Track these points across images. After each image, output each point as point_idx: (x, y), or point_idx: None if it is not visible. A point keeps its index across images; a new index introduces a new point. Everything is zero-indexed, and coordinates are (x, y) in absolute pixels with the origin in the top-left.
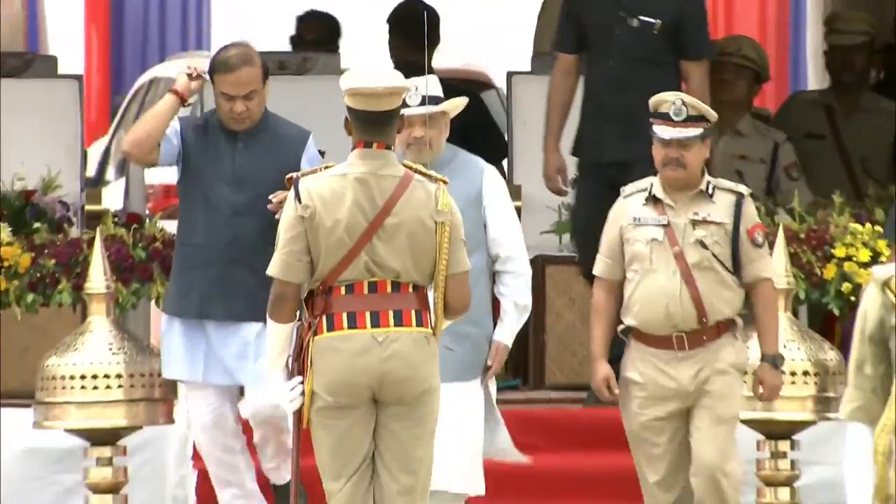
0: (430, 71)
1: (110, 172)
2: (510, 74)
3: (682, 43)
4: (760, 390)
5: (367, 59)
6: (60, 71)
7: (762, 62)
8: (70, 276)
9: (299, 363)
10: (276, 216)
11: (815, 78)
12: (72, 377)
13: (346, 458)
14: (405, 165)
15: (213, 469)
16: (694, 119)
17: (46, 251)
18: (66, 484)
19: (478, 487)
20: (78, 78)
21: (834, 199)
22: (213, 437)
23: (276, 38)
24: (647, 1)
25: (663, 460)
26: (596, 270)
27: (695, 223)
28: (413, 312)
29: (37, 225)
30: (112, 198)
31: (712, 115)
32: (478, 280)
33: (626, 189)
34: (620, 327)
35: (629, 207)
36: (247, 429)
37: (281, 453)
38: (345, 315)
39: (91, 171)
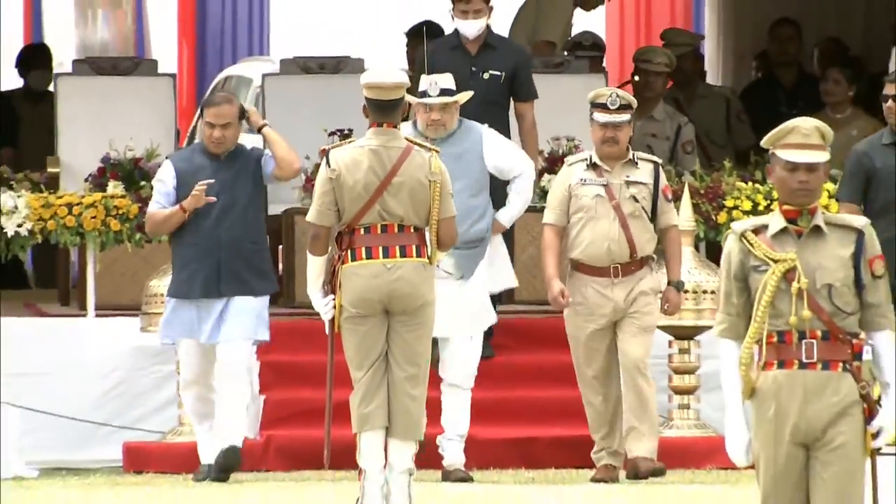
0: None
1: (197, 140)
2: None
3: (516, 89)
4: (666, 307)
5: (382, 62)
6: (160, 70)
7: (672, 65)
8: None
9: (331, 285)
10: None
11: (711, 72)
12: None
13: (366, 352)
14: (407, 139)
15: (192, 409)
16: (623, 108)
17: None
18: (163, 373)
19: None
20: (172, 76)
21: (725, 164)
22: (198, 383)
23: (321, 44)
24: (491, 60)
25: (598, 360)
26: (547, 219)
27: (627, 183)
28: (414, 247)
29: (142, 183)
30: None
31: (635, 103)
32: (485, 213)
33: (570, 159)
34: (566, 261)
35: (574, 172)
36: None
37: (236, 409)
38: (363, 249)
39: (182, 144)
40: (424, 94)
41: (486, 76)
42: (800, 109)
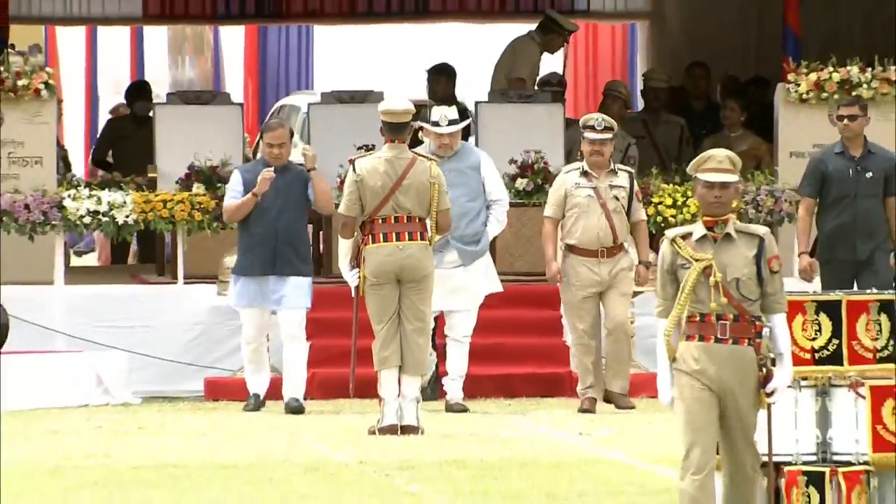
0: (454, 97)
1: (259, 156)
2: (476, 103)
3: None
4: (638, 279)
5: (395, 95)
6: (231, 101)
7: (628, 95)
8: None
9: (357, 261)
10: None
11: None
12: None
13: (384, 310)
14: (413, 152)
15: (248, 357)
16: (608, 129)
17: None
18: (233, 326)
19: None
20: (240, 105)
21: (652, 171)
22: (255, 340)
23: (352, 80)
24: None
25: (589, 318)
26: (547, 213)
27: (611, 187)
28: (418, 233)
29: (219, 185)
30: None
31: (616, 126)
32: (479, 214)
33: (565, 168)
34: (561, 245)
35: (569, 178)
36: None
37: (300, 364)
38: (381, 234)
39: (249, 155)
40: (436, 124)
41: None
42: (708, 130)
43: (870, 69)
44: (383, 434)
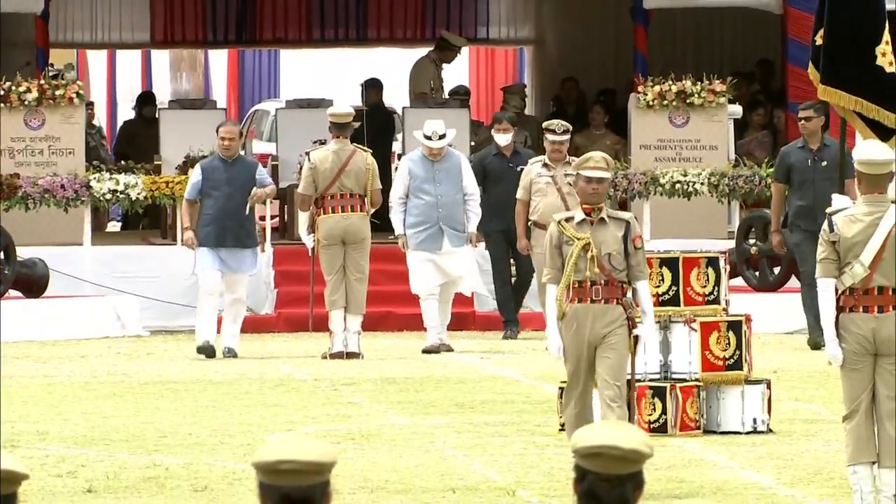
0: (382, 104)
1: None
2: (403, 108)
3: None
4: None
5: (339, 102)
6: (217, 106)
7: (523, 106)
8: None
9: (312, 227)
10: (250, 204)
11: (528, 107)
12: None
13: (333, 264)
14: (354, 145)
15: (202, 309)
16: (566, 132)
17: None
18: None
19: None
20: (224, 110)
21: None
22: (209, 295)
23: (310, 89)
24: (518, 160)
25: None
26: (518, 196)
27: (565, 175)
28: (358, 206)
29: None
30: None
31: (570, 128)
32: (459, 204)
33: (531, 161)
34: (530, 221)
35: (534, 168)
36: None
37: (237, 320)
38: (330, 207)
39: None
40: (429, 138)
41: (518, 169)
42: (577, 129)
43: (699, 83)
44: (333, 358)
